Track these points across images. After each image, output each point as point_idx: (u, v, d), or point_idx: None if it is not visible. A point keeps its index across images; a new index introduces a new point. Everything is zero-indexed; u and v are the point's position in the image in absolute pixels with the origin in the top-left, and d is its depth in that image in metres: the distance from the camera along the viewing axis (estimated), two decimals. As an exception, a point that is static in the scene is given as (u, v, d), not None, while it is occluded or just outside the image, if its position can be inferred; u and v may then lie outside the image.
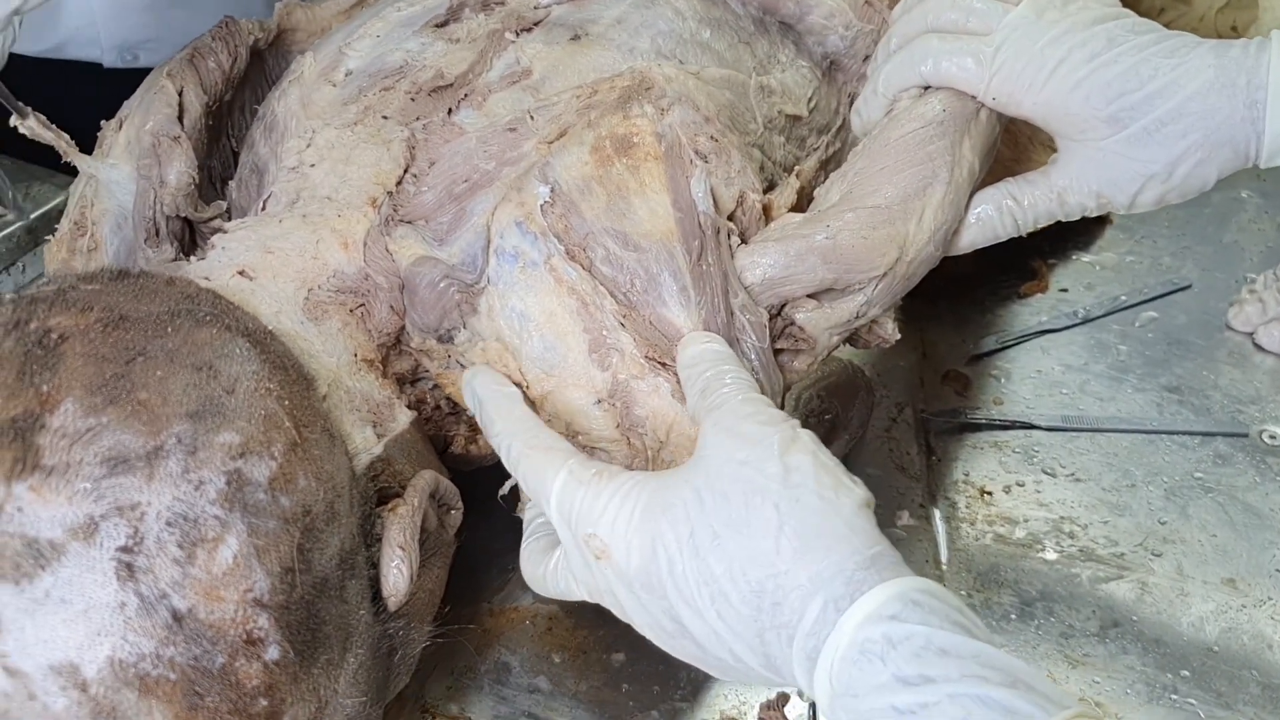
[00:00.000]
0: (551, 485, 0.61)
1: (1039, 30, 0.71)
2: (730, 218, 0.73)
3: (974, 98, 0.74)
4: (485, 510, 0.72)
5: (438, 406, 0.76)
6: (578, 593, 0.63)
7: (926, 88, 0.76)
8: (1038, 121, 0.73)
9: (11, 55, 1.21)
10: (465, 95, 0.77)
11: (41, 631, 0.48)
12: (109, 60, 1.23)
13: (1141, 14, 0.73)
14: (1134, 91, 0.69)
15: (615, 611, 0.62)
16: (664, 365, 0.68)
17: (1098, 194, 0.73)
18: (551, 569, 0.64)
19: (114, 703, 0.49)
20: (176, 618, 0.50)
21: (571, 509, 0.60)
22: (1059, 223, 0.77)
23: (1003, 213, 0.76)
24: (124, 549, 0.50)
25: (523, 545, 0.68)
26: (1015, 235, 0.77)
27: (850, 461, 0.81)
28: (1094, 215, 0.76)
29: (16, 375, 0.53)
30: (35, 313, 0.56)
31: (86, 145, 0.84)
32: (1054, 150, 0.76)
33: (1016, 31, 0.72)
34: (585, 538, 0.60)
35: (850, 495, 0.57)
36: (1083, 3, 0.72)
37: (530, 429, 0.65)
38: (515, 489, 0.69)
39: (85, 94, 1.13)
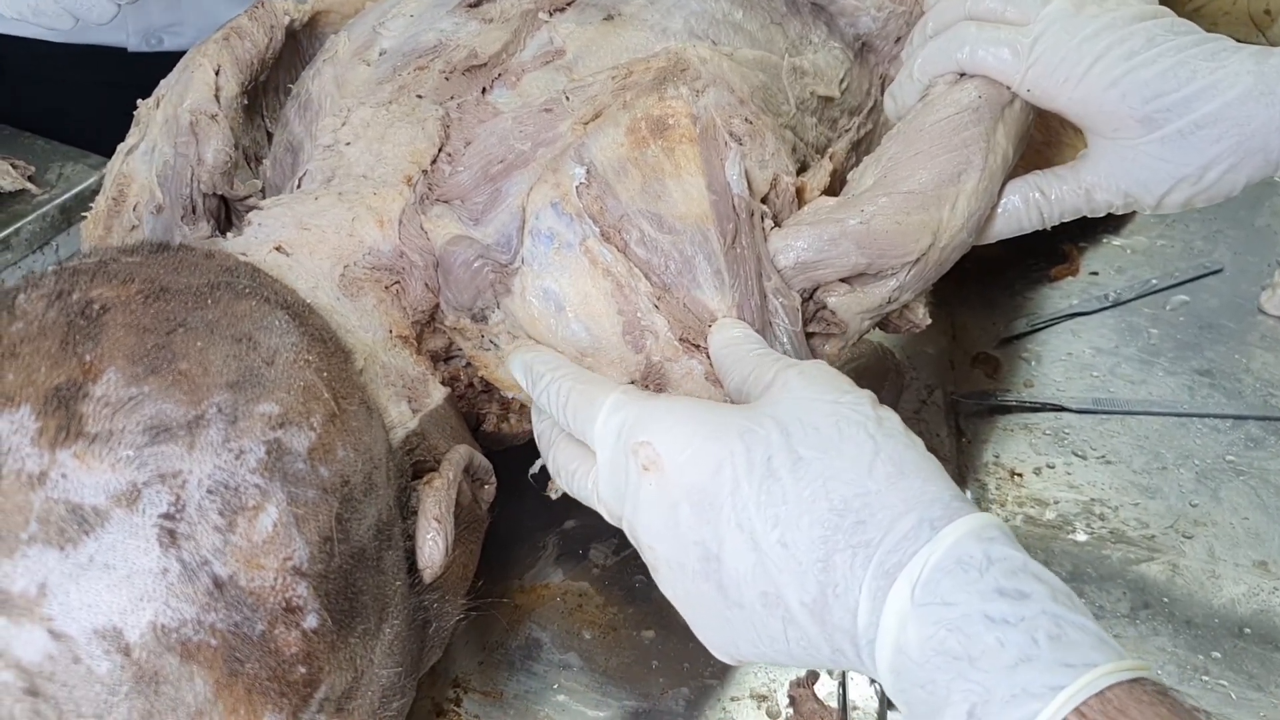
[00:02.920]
0: (604, 400, 0.62)
1: (1078, 24, 0.70)
2: (764, 200, 0.73)
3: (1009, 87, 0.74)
4: (516, 489, 0.73)
5: (471, 384, 0.76)
6: (594, 504, 0.63)
7: (962, 74, 0.76)
8: (1071, 117, 0.73)
9: (35, 40, 1.22)
10: (499, 75, 0.77)
11: (86, 596, 0.49)
12: (133, 45, 1.23)
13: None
14: (1171, 93, 0.68)
15: (637, 538, 0.61)
16: (698, 348, 0.68)
17: (1125, 193, 0.73)
18: (580, 471, 0.64)
19: (156, 667, 0.49)
20: (217, 584, 0.51)
21: (624, 419, 0.60)
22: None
23: (1029, 205, 0.76)
24: (166, 516, 0.50)
25: (556, 436, 0.67)
26: (1040, 228, 0.77)
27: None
28: (1119, 213, 0.76)
29: (60, 345, 0.53)
30: (77, 284, 0.57)
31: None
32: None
33: (1055, 24, 0.71)
34: (635, 445, 0.59)
35: (935, 458, 0.58)
36: None
37: (581, 372, 0.66)
38: (545, 468, 0.70)
39: (109, 79, 1.14)
